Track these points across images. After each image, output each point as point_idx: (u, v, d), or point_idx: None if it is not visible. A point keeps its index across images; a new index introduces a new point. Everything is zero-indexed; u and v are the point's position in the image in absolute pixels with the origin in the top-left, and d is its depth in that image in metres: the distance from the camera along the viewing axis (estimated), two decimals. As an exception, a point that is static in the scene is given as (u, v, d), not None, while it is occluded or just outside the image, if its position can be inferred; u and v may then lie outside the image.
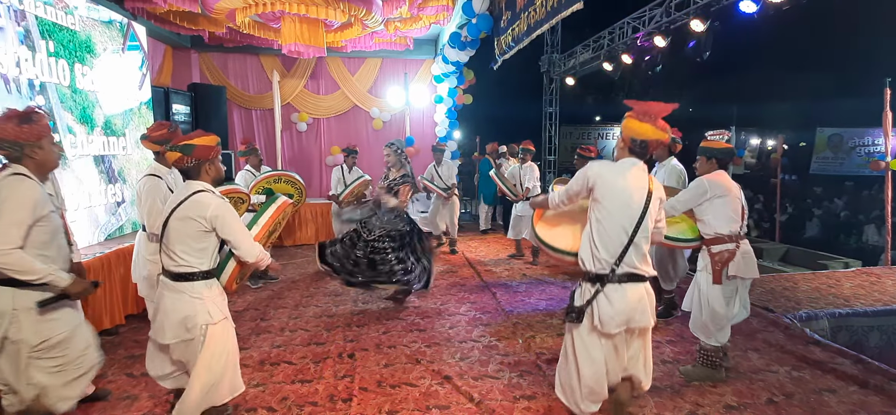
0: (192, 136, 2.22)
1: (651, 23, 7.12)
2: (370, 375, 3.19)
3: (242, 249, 2.18)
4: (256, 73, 8.50)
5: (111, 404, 2.87)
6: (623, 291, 2.12)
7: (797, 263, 7.20)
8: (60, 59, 4.05)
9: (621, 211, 2.12)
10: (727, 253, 2.89)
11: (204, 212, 2.10)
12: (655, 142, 2.17)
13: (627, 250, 2.11)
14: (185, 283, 2.16)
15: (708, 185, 2.90)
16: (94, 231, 4.38)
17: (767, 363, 3.32)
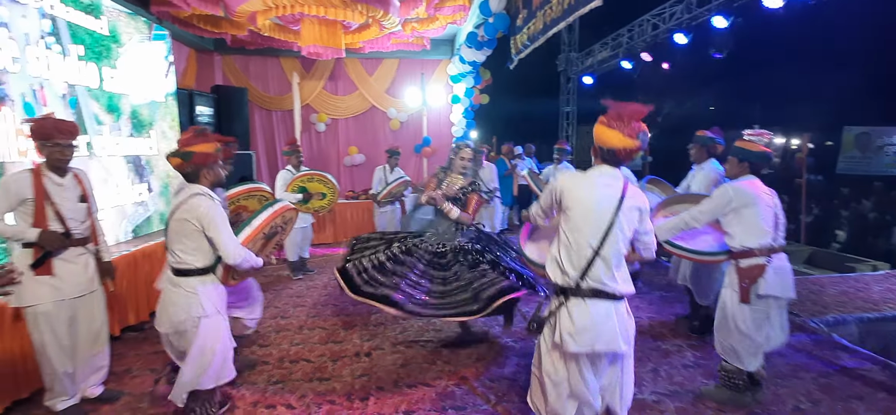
0: (191, 142, 2.36)
1: (672, 19, 7.01)
2: (387, 374, 3.22)
3: (223, 250, 2.29)
4: (277, 75, 8.63)
5: (136, 398, 2.96)
6: (586, 307, 1.95)
7: (823, 265, 6.99)
8: (90, 62, 4.19)
9: (586, 222, 1.97)
10: (757, 269, 2.58)
11: (196, 213, 2.25)
12: (624, 151, 1.97)
13: (592, 264, 1.95)
14: (182, 278, 2.33)
15: (733, 193, 2.63)
16: (121, 223, 4.53)
17: (794, 370, 3.24)
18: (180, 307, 2.33)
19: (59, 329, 2.59)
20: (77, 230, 2.65)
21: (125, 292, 3.86)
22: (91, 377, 2.87)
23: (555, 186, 2.10)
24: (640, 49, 7.91)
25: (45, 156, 2.57)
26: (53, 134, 2.52)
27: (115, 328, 3.75)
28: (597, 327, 1.95)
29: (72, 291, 2.63)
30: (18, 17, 3.43)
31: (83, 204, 2.70)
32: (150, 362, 3.46)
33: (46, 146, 2.53)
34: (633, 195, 2.02)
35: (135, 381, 3.19)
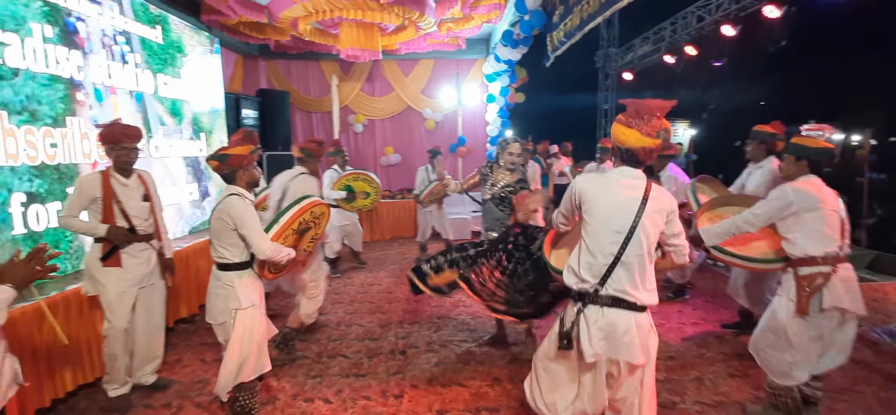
0: (228, 146, 2.53)
1: (718, 10, 6.69)
2: (421, 372, 3.26)
3: (254, 247, 2.42)
4: (317, 78, 8.89)
5: (185, 387, 3.14)
6: (605, 316, 1.87)
7: (888, 271, 6.47)
8: (151, 69, 4.48)
9: (606, 226, 1.87)
10: (820, 277, 2.31)
11: (230, 212, 2.39)
12: (642, 150, 1.86)
13: (613, 270, 1.85)
14: (222, 272, 2.50)
15: (793, 195, 2.37)
16: (178, 221, 4.83)
17: (852, 383, 3.03)
18: (220, 299, 2.50)
19: (121, 317, 2.81)
20: (141, 227, 2.87)
21: (178, 286, 4.09)
22: (147, 366, 3.07)
23: (574, 188, 1.99)
24: (684, 42, 7.60)
25: (112, 159, 2.80)
26: (121, 138, 2.75)
27: (169, 320, 3.98)
28: (616, 337, 1.86)
29: (134, 281, 2.86)
30: (96, 29, 3.80)
31: (146, 203, 2.91)
32: (200, 352, 3.65)
33: (114, 150, 2.76)
34: (658, 197, 1.89)
35: (185, 370, 3.37)
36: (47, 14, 3.39)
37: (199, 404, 2.93)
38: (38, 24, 3.31)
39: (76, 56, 3.65)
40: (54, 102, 3.42)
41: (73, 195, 2.76)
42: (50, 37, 3.39)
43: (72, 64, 3.60)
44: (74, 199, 2.74)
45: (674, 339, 3.73)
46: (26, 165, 3.18)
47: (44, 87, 3.34)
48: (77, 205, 2.74)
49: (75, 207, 2.75)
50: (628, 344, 1.86)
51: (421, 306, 4.60)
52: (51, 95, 3.39)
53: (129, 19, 4.30)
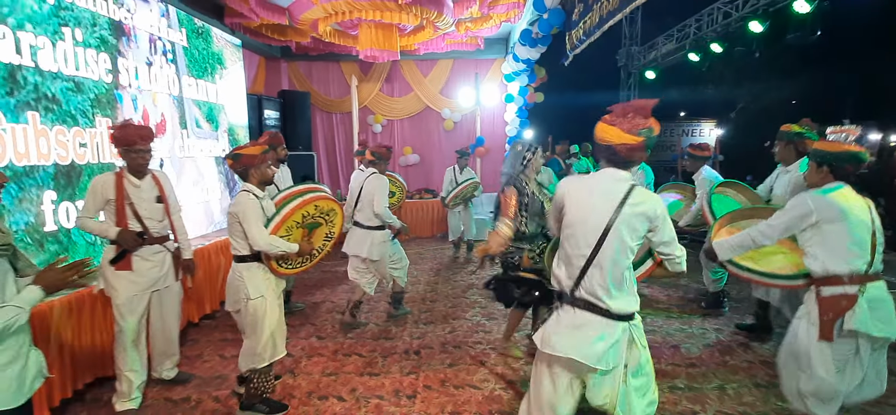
0: (243, 146, 2.66)
1: (746, 6, 6.48)
2: (435, 373, 3.25)
3: (251, 239, 2.55)
4: (337, 79, 9.00)
5: (204, 381, 3.20)
6: (574, 315, 1.81)
7: (929, 278, 6.13)
8: (199, 78, 4.68)
9: (581, 226, 1.81)
10: (845, 300, 2.08)
11: (237, 208, 2.54)
12: (623, 147, 1.78)
13: (586, 272, 1.79)
14: (236, 263, 2.64)
15: (812, 203, 2.16)
16: (207, 223, 4.98)
17: (886, 396, 2.86)
18: (232, 288, 2.66)
19: (131, 321, 2.80)
20: (154, 229, 2.85)
21: (201, 284, 4.19)
22: (165, 362, 3.13)
23: (558, 189, 1.95)
24: (711, 39, 7.39)
25: (126, 160, 2.79)
26: (136, 140, 2.73)
27: (194, 316, 4.09)
28: (582, 341, 1.77)
29: (147, 285, 2.85)
30: (145, 41, 4.08)
31: (160, 204, 2.89)
32: (220, 348, 3.73)
33: (129, 152, 2.74)
34: (641, 201, 1.78)
35: (205, 365, 3.45)
36: (108, 24, 3.72)
37: (218, 399, 2.98)
38: (92, 33, 3.45)
39: (123, 62, 4.00)
40: (98, 104, 3.55)
41: (88, 196, 2.76)
42: (96, 44, 3.53)
43: (120, 68, 3.94)
44: (89, 200, 2.74)
45: (695, 345, 3.62)
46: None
47: (90, 90, 3.48)
48: (92, 206, 2.74)
49: (90, 209, 2.75)
50: (592, 345, 1.76)
51: (436, 306, 4.59)
52: (92, 97, 3.53)
53: (174, 29, 4.66)
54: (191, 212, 4.81)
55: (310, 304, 4.73)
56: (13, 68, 3.02)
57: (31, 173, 3.13)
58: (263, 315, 2.62)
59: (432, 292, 5.05)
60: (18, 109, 3.06)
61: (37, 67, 3.19)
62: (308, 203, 2.74)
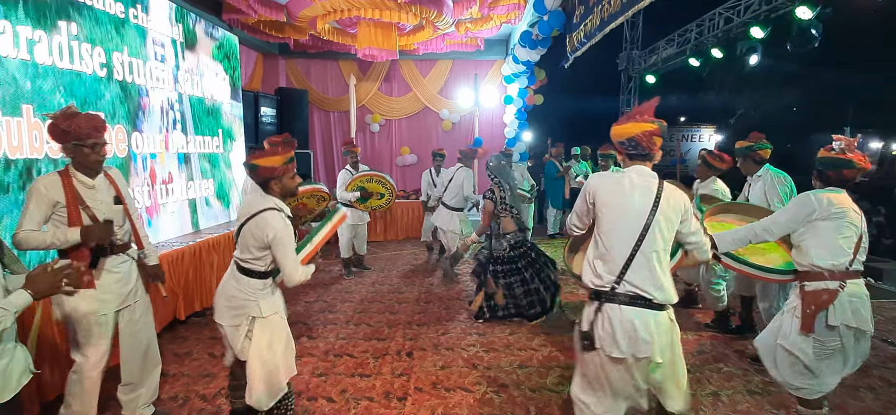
0: (260, 155, 2.26)
1: (747, 12, 6.44)
2: (426, 375, 3.20)
3: (286, 273, 2.25)
4: (335, 77, 8.96)
5: (192, 379, 3.15)
6: (622, 314, 1.83)
7: (928, 288, 6.09)
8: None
9: (620, 222, 1.87)
10: (827, 294, 2.20)
11: (266, 233, 2.18)
12: (642, 135, 1.89)
13: (628, 267, 1.84)
14: (243, 276, 2.29)
15: (815, 201, 2.26)
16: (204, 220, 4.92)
17: (885, 407, 2.83)
18: (234, 302, 2.29)
19: (99, 348, 2.36)
20: (116, 236, 2.39)
21: (192, 281, 4.15)
22: (140, 394, 2.59)
23: (588, 187, 2.00)
24: (711, 45, 7.35)
25: (75, 157, 2.27)
26: (90, 132, 2.24)
27: (182, 313, 4.04)
28: (636, 336, 1.81)
29: (115, 302, 2.40)
30: (164, 48, 3.87)
31: (119, 206, 2.43)
32: (209, 346, 3.68)
33: (81, 147, 2.24)
34: (671, 195, 1.89)
35: (194, 363, 3.40)
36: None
37: (205, 397, 2.93)
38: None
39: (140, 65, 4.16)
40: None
41: (29, 204, 2.19)
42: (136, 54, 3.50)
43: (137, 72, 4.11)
44: (32, 207, 2.19)
45: (689, 350, 3.58)
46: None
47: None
48: (37, 214, 2.20)
49: (35, 218, 2.20)
50: (646, 343, 1.82)
51: (430, 307, 4.54)
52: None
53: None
54: (179, 208, 4.76)
55: (302, 303, 4.68)
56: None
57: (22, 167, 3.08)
58: (277, 333, 2.32)
59: (426, 294, 5.01)
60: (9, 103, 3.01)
61: (33, 60, 3.15)
62: (336, 227, 2.65)
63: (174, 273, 3.93)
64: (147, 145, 4.26)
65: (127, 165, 3.98)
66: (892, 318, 4.24)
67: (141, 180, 4.15)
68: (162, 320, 3.81)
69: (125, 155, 3.95)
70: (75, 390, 2.34)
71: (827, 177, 2.34)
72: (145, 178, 4.22)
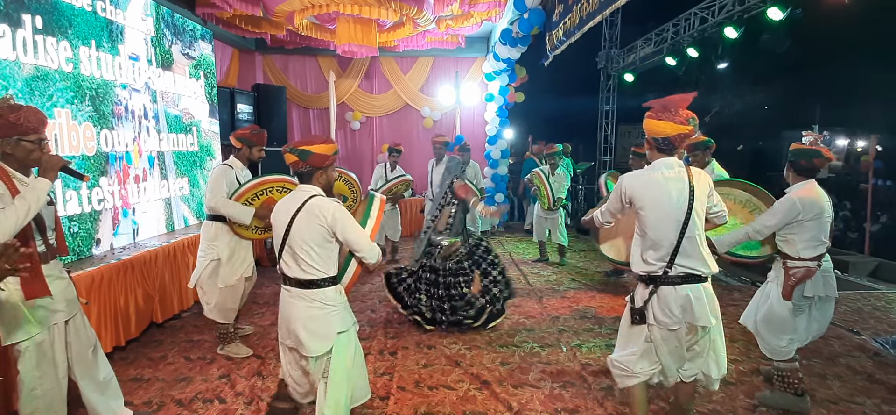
0: (311, 141, 2.16)
1: (722, 12, 6.59)
2: (409, 374, 3.18)
3: (364, 252, 2.10)
4: (314, 74, 8.82)
5: (167, 383, 3.07)
6: (678, 292, 2.07)
7: (891, 279, 6.37)
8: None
9: (665, 215, 2.07)
10: (805, 272, 2.59)
11: (324, 216, 2.03)
12: (678, 136, 2.09)
13: (678, 251, 2.06)
14: (317, 290, 2.07)
15: (800, 205, 2.54)
16: (177, 221, 4.76)
17: (851, 393, 2.94)
18: (320, 323, 2.06)
19: (58, 361, 2.19)
20: (51, 239, 2.19)
21: (168, 283, 4.03)
22: (112, 402, 2.47)
23: (622, 189, 2.19)
24: (687, 44, 7.51)
25: (13, 152, 2.04)
26: (35, 126, 2.07)
27: (159, 316, 3.92)
28: (690, 306, 2.06)
29: (66, 310, 2.22)
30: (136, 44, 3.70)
31: (51, 207, 2.23)
32: (185, 350, 3.59)
33: (21, 142, 2.03)
34: (699, 178, 2.12)
35: (169, 367, 3.31)
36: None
37: (181, 402, 2.86)
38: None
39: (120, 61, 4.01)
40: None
41: None
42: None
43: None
44: None
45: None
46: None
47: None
48: None
49: None
50: (701, 311, 2.06)
51: (413, 306, 4.52)
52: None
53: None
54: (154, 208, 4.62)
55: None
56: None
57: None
58: (356, 344, 2.17)
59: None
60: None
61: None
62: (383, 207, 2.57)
63: (149, 275, 3.81)
64: (118, 144, 4.11)
65: (95, 163, 3.84)
66: (857, 308, 4.41)
67: (111, 179, 4.01)
68: (139, 325, 3.71)
69: (93, 153, 3.80)
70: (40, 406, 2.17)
71: (800, 166, 2.65)
72: (117, 176, 4.08)
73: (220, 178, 3.27)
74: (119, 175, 4.09)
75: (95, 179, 3.81)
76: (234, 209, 3.23)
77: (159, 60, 4.76)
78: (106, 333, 3.31)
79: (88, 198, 3.72)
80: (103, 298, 3.32)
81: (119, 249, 3.96)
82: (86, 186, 3.70)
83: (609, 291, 5.02)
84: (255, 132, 3.48)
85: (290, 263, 2.08)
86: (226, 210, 3.24)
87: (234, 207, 3.23)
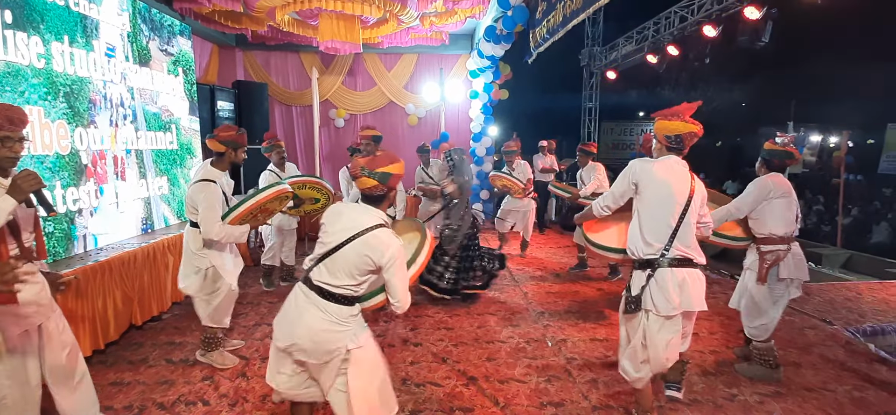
0: (388, 160, 2.03)
1: (700, 11, 6.72)
2: (395, 371, 3.18)
3: (399, 300, 2.01)
4: (297, 71, 8.71)
5: (148, 387, 3.01)
6: (673, 274, 2.24)
7: (862, 270, 6.60)
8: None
9: (666, 201, 2.26)
10: (778, 254, 2.89)
11: (380, 254, 1.92)
12: (689, 134, 2.31)
13: (676, 234, 2.25)
14: (336, 305, 1.98)
15: (772, 184, 2.91)
16: (158, 222, 4.65)
17: (824, 382, 3.04)
18: (331, 336, 1.97)
19: (28, 367, 2.11)
20: (27, 243, 2.11)
21: (147, 284, 3.94)
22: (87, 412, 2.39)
23: (632, 171, 2.36)
24: (667, 42, 7.64)
25: None
26: (16, 124, 2.03)
27: (138, 318, 3.84)
28: (687, 290, 2.24)
29: (38, 316, 2.12)
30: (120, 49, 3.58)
31: (31, 210, 2.11)
32: (167, 351, 3.51)
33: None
34: (699, 186, 2.35)
35: (150, 371, 3.24)
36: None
37: (163, 406, 2.80)
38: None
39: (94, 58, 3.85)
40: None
41: None
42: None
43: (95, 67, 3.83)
44: None
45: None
46: None
47: None
48: None
49: None
50: (697, 294, 2.28)
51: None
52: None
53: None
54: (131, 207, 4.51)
55: (266, 303, 4.55)
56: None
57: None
58: (375, 357, 2.09)
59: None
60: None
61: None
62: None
63: (128, 276, 3.73)
64: (94, 142, 4.00)
65: (70, 162, 3.73)
66: (830, 299, 4.56)
67: (86, 178, 3.90)
68: (119, 327, 3.62)
69: (68, 152, 3.69)
70: None
71: (772, 164, 2.99)
72: (92, 174, 3.97)
73: (213, 203, 2.90)
74: (95, 173, 3.98)
75: (71, 178, 3.70)
76: (233, 236, 2.98)
77: (136, 57, 4.64)
78: (84, 336, 3.23)
79: (63, 198, 3.62)
80: (81, 300, 3.23)
81: (96, 250, 3.86)
82: (60, 185, 3.60)
83: (592, 285, 5.09)
84: (241, 133, 3.12)
85: (325, 272, 1.98)
86: (225, 240, 2.96)
87: (232, 234, 2.97)
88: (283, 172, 4.69)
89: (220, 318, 3.25)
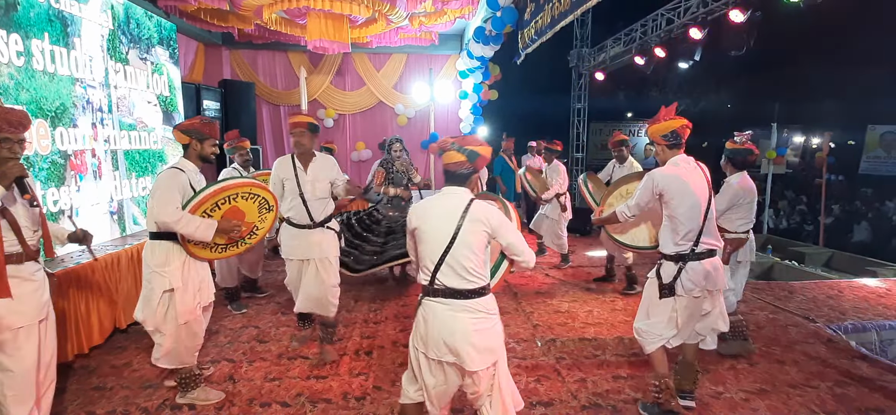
0: (475, 141, 2.06)
1: (687, 14, 6.80)
2: (385, 373, 3.16)
3: (525, 255, 2.01)
4: (284, 70, 8.64)
5: (133, 391, 2.95)
6: (702, 265, 2.50)
7: (843, 269, 6.75)
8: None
9: (693, 204, 2.47)
10: (737, 241, 3.23)
11: (489, 220, 1.93)
12: (681, 128, 2.53)
13: (703, 231, 2.50)
14: (481, 299, 1.93)
15: (742, 192, 3.17)
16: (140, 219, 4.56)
17: (807, 378, 3.10)
18: (487, 336, 1.92)
19: (29, 370, 2.11)
20: (31, 240, 2.14)
21: (130, 288, 3.87)
22: None
23: (654, 183, 2.54)
24: (654, 44, 7.72)
25: None
26: (17, 126, 2.04)
27: (122, 322, 3.76)
28: (711, 275, 2.51)
29: (33, 314, 2.12)
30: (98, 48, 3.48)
31: (35, 209, 2.14)
32: (150, 356, 3.44)
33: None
34: (707, 174, 2.56)
35: (134, 375, 3.18)
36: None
37: (147, 411, 2.75)
38: None
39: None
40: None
41: None
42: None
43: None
44: None
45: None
46: None
47: None
48: None
49: None
50: (719, 278, 2.56)
51: (387, 305, 4.49)
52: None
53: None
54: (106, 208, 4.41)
55: (254, 305, 4.49)
56: None
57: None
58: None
59: (382, 291, 4.95)
60: None
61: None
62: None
63: (111, 279, 3.65)
64: (74, 141, 3.92)
65: (51, 162, 3.64)
66: (813, 297, 4.64)
67: (66, 179, 3.82)
68: (103, 331, 3.55)
69: (48, 152, 3.61)
70: None
71: (737, 161, 3.22)
72: (71, 176, 3.89)
73: (169, 185, 2.58)
74: (74, 174, 3.90)
75: (52, 178, 3.62)
76: (192, 225, 2.54)
77: (117, 58, 4.54)
78: (67, 341, 3.16)
79: (43, 199, 3.54)
80: (63, 304, 3.16)
81: (78, 252, 3.78)
82: (40, 186, 3.51)
83: (581, 287, 5.12)
84: (204, 122, 2.76)
85: (450, 272, 1.91)
86: (181, 227, 2.53)
87: (191, 223, 2.54)
88: (246, 173, 4.37)
89: (184, 356, 2.77)
